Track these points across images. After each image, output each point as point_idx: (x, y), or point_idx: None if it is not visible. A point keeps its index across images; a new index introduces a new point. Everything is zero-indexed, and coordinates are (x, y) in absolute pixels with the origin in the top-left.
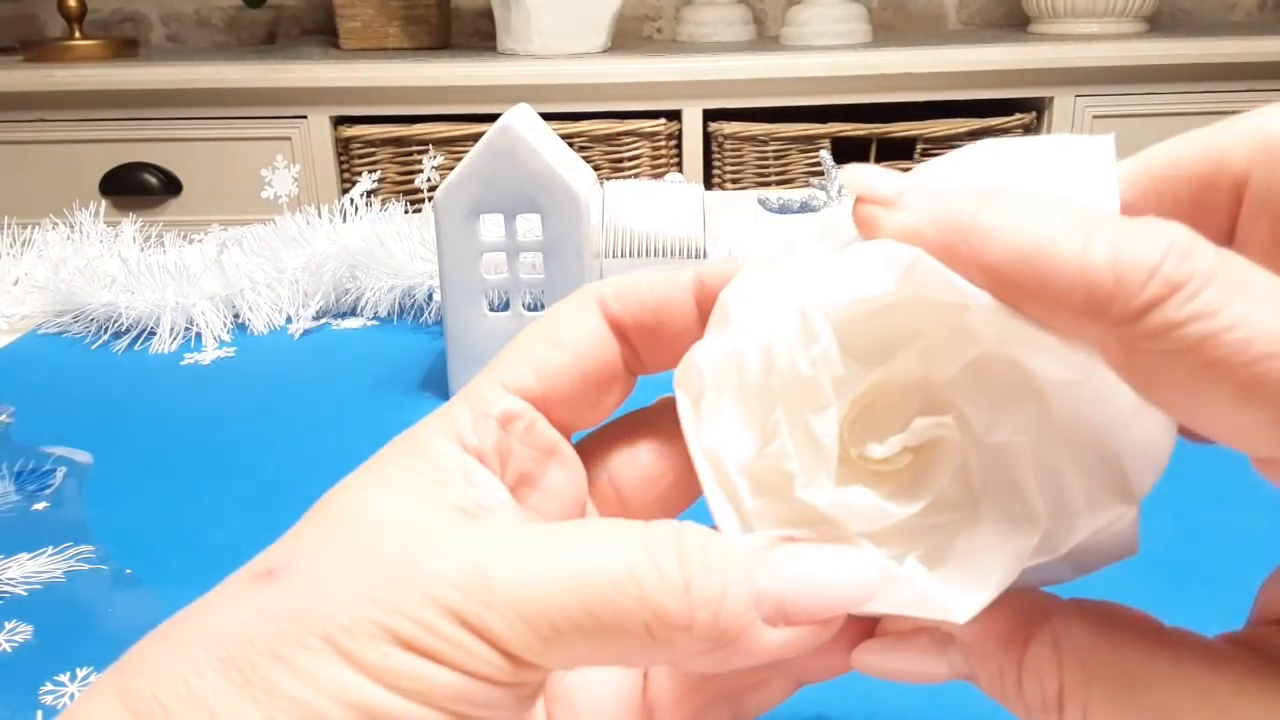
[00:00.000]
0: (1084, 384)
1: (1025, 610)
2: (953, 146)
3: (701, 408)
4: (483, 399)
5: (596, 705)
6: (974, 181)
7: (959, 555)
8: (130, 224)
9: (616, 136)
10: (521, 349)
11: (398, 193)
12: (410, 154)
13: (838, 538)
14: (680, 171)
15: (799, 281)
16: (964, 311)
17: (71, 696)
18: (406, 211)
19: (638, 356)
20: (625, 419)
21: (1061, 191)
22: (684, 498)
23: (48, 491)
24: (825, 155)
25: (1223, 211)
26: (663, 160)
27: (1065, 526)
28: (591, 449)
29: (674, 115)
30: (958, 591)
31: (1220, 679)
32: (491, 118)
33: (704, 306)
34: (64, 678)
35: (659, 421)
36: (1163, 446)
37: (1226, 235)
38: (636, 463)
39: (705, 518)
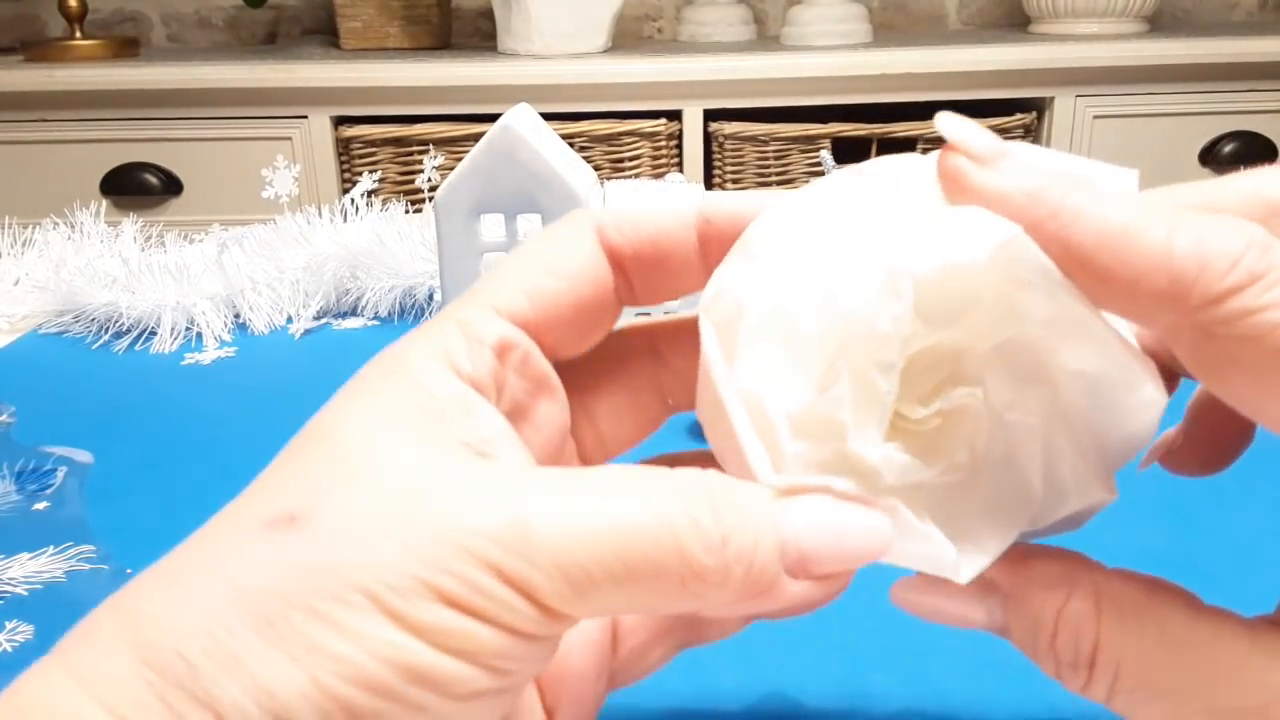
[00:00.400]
0: (1097, 378)
1: (1071, 564)
2: None
3: (738, 348)
4: (473, 324)
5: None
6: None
7: (960, 519)
8: (131, 224)
9: (617, 136)
10: (515, 273)
11: (398, 193)
12: (410, 154)
13: (867, 489)
14: (681, 171)
15: (877, 234)
16: (1021, 289)
17: None
18: (407, 211)
19: (630, 288)
20: (595, 350)
21: None
22: (652, 424)
23: (48, 491)
24: (826, 155)
25: None
26: (663, 160)
27: (1053, 505)
28: (565, 381)
29: (674, 115)
30: (962, 552)
31: (1257, 650)
32: (492, 118)
33: (707, 242)
34: None
35: (628, 353)
36: (1139, 445)
37: None
38: (610, 395)
39: (664, 444)
